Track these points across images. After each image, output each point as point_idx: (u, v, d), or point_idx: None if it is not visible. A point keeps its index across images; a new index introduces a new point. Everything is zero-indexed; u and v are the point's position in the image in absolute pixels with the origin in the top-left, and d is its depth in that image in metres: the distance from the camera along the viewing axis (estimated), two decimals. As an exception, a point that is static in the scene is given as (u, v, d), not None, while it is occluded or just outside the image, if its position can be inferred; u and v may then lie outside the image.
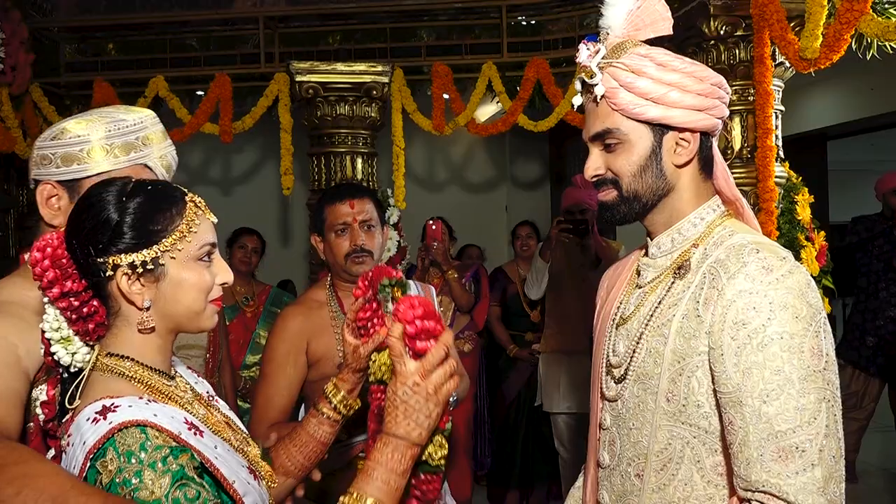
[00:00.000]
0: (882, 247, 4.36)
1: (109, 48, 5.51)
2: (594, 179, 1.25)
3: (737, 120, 3.72)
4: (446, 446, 1.09)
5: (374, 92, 4.88)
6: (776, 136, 3.64)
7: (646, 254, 1.32)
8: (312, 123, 4.98)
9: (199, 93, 5.32)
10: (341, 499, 1.02)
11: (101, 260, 1.05)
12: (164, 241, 1.06)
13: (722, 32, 3.67)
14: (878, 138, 7.51)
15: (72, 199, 1.27)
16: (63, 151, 1.25)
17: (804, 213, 3.54)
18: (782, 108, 3.76)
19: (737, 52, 3.70)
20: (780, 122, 3.74)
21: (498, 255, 6.30)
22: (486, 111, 6.13)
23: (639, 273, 1.32)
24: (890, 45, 3.02)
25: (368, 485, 1.02)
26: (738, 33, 3.66)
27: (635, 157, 1.20)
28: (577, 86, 1.24)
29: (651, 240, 1.29)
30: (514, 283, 4.34)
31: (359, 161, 4.94)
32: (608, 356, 1.32)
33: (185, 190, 1.13)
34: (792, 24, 3.36)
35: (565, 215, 3.64)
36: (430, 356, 1.04)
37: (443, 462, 1.09)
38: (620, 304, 1.33)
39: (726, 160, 3.76)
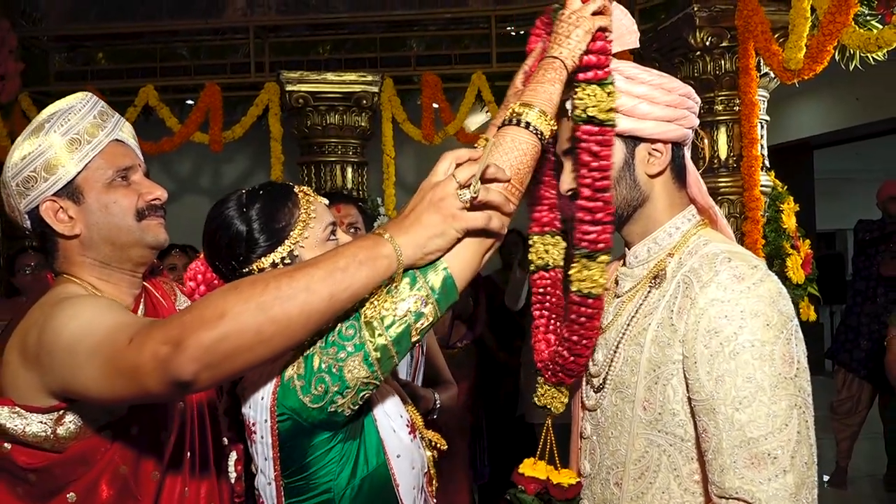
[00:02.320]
0: (890, 250, 4.36)
1: (99, 57, 5.53)
2: (569, 193, 1.26)
3: (723, 130, 3.76)
4: (604, 99, 1.15)
5: (364, 101, 4.90)
6: (761, 146, 3.68)
7: (624, 263, 1.33)
8: (302, 132, 5.00)
9: (189, 102, 5.33)
10: (510, 107, 1.11)
11: (247, 270, 1.14)
12: (292, 234, 1.15)
13: (708, 43, 3.71)
14: (863, 147, 7.59)
15: (77, 202, 1.25)
16: (42, 162, 1.23)
17: (789, 221, 3.58)
18: (767, 117, 3.80)
19: (722, 62, 3.74)
20: (765, 132, 3.78)
21: (489, 262, 6.30)
22: (475, 120, 6.17)
23: (617, 283, 1.33)
24: (872, 57, 3.06)
25: (529, 98, 1.11)
26: (724, 44, 3.70)
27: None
28: None
29: (628, 249, 1.31)
30: (502, 291, 4.37)
31: (349, 170, 4.96)
32: (588, 366, 1.33)
33: (289, 182, 1.21)
34: (776, 36, 3.41)
35: None
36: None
37: (609, 116, 1.15)
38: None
39: (713, 169, 3.80)
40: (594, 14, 1.14)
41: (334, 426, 1.08)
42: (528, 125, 1.08)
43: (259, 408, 1.10)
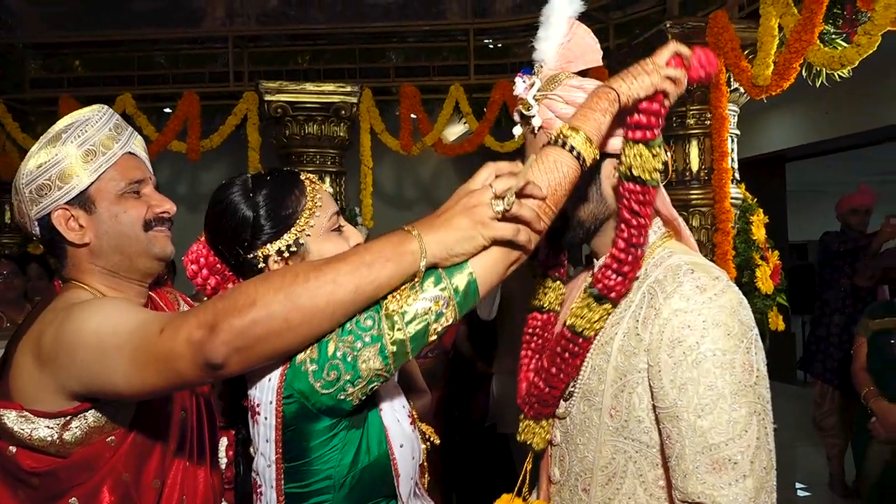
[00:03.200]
0: (864, 261, 4.42)
1: (76, 65, 5.49)
2: None
3: (694, 143, 3.84)
4: (649, 159, 1.15)
5: (343, 112, 4.92)
6: (732, 159, 3.76)
7: (592, 274, 1.36)
8: (281, 142, 5.00)
9: (167, 110, 5.31)
10: (555, 132, 1.12)
11: (252, 255, 1.15)
12: (298, 222, 1.15)
13: (679, 59, 3.79)
14: (834, 160, 7.75)
15: (88, 211, 1.28)
16: (57, 172, 1.26)
17: (759, 232, 3.65)
18: (737, 131, 3.89)
19: (694, 77, 3.82)
20: (735, 146, 3.86)
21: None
22: (453, 131, 6.21)
23: (586, 292, 1.36)
24: (837, 74, 3.15)
25: (578, 122, 1.11)
26: (695, 60, 3.78)
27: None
28: (516, 117, 1.28)
29: (596, 260, 1.34)
30: (480, 301, 4.38)
31: (327, 179, 4.97)
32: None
33: (295, 169, 1.21)
34: (746, 52, 3.49)
35: None
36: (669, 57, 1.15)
37: (653, 177, 1.16)
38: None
39: (684, 182, 3.88)
40: (669, 77, 1.14)
41: (340, 413, 1.09)
42: (572, 149, 1.09)
43: (265, 389, 1.11)
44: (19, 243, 5.22)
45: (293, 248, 1.15)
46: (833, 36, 3.31)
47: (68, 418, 1.18)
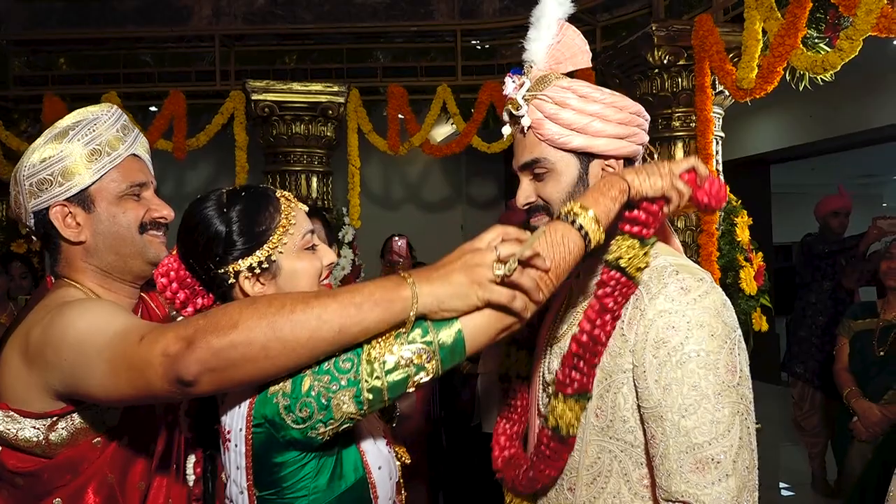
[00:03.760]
0: (851, 263, 4.44)
1: (60, 62, 5.44)
2: (526, 207, 1.30)
3: (679, 145, 3.86)
4: (639, 256, 1.17)
5: (330, 111, 4.91)
6: (716, 161, 3.79)
7: (578, 275, 1.37)
8: (268, 142, 4.98)
9: (153, 109, 5.28)
10: (564, 208, 1.12)
11: (223, 271, 1.13)
12: (271, 239, 1.14)
13: (665, 62, 3.81)
14: (817, 162, 7.83)
15: (87, 210, 1.28)
16: (60, 168, 1.26)
17: (743, 234, 3.68)
18: (722, 134, 3.92)
19: (679, 80, 3.85)
20: (720, 148, 3.90)
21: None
22: (441, 132, 6.21)
23: (572, 293, 1.37)
24: (820, 77, 3.18)
25: (589, 203, 1.12)
26: (681, 63, 3.81)
27: (563, 184, 1.25)
28: (505, 117, 1.29)
29: (582, 262, 1.35)
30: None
31: (314, 180, 4.95)
32: (544, 374, 1.37)
33: (271, 187, 1.21)
34: (730, 56, 3.52)
35: None
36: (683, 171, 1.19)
37: (637, 275, 1.18)
38: (555, 323, 1.39)
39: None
40: (677, 188, 1.17)
41: (309, 448, 1.07)
42: (580, 228, 1.09)
43: (236, 416, 1.10)
44: (2, 241, 5.16)
45: (265, 265, 1.14)
46: (816, 40, 3.35)
47: (55, 419, 1.17)
